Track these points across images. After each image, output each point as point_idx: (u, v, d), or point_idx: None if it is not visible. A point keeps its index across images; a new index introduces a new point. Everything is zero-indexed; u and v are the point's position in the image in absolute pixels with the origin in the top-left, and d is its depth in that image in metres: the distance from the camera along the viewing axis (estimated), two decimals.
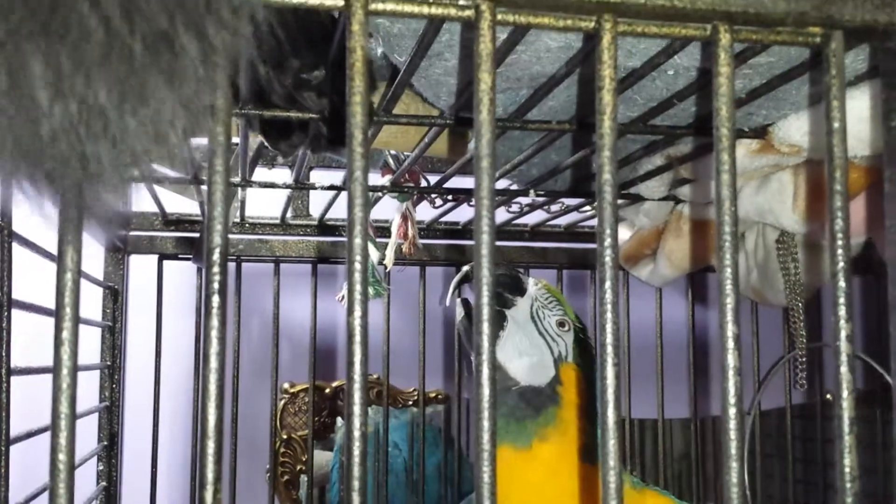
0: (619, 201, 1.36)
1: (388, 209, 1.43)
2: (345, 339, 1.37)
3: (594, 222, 1.55)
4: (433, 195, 1.38)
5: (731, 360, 0.48)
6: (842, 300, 0.49)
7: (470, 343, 1.04)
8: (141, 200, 1.53)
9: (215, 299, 0.42)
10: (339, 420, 1.83)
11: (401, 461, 1.76)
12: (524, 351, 1.00)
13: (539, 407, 0.98)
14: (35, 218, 0.43)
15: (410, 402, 1.84)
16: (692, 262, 1.45)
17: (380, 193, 1.32)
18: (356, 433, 0.44)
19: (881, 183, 0.54)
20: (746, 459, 1.60)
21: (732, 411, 0.48)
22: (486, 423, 0.46)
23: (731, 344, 0.48)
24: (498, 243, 1.68)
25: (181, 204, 1.50)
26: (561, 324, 1.02)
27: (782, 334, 1.71)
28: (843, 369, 0.48)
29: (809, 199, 1.10)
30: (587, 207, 1.48)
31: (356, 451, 0.44)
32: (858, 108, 0.73)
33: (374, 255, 1.35)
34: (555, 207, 1.47)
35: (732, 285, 0.46)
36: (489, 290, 0.46)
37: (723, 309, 0.49)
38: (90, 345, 1.49)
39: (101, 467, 1.49)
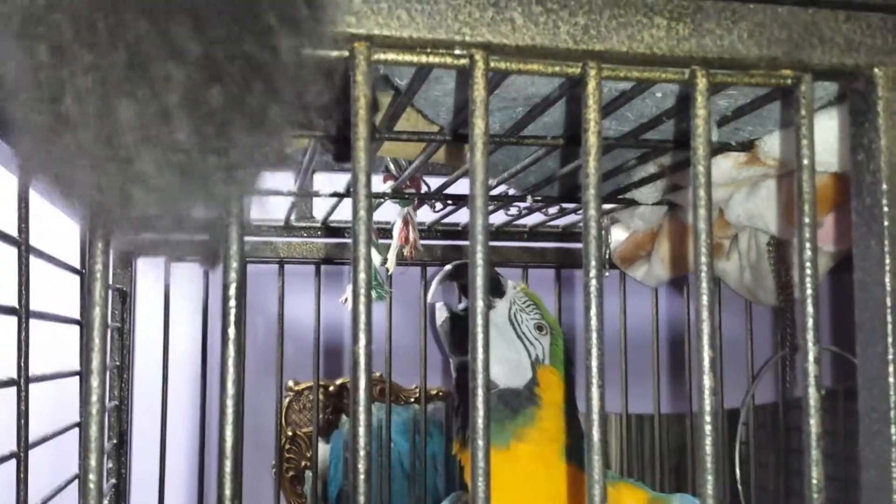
0: (615, 205, 1.40)
1: (390, 211, 1.47)
2: (349, 338, 1.40)
3: (566, 220, 1.59)
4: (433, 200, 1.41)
5: (706, 364, 0.52)
6: (810, 325, 0.53)
7: (450, 346, 1.06)
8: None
9: (231, 331, 0.46)
10: (343, 417, 1.88)
11: (400, 456, 1.80)
12: (502, 354, 1.02)
13: (517, 408, 1.00)
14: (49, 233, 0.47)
15: (412, 399, 1.88)
16: (685, 264, 1.49)
17: (382, 200, 1.35)
18: (361, 441, 0.48)
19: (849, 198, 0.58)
20: (743, 451, 1.65)
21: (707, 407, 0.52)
22: (479, 425, 0.50)
23: (706, 364, 0.52)
24: (497, 243, 1.73)
25: None
26: (539, 327, 1.04)
27: (773, 332, 1.74)
28: (811, 391, 0.52)
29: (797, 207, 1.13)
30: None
31: (361, 468, 0.48)
32: (831, 127, 0.77)
33: (376, 258, 1.38)
34: (552, 210, 1.51)
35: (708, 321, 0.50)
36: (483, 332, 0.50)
37: (699, 329, 0.53)
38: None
39: (110, 465, 1.53)
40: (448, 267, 1.07)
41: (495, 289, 1.05)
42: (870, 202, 0.56)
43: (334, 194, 1.29)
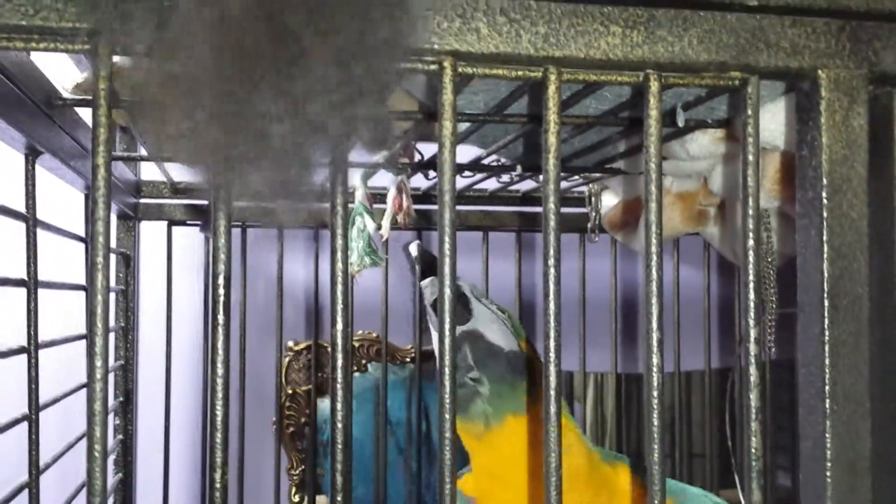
0: (602, 174, 1.45)
1: (384, 178, 1.51)
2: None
3: (582, 188, 1.64)
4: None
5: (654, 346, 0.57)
6: (751, 308, 0.58)
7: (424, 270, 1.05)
8: (151, 170, 1.63)
9: (220, 318, 0.51)
10: None
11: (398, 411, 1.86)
12: (494, 319, 1.02)
13: (524, 370, 0.99)
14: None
15: (408, 359, 1.94)
16: (674, 230, 1.53)
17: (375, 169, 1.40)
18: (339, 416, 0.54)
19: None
20: (735, 411, 1.70)
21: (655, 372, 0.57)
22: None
23: (654, 347, 0.57)
24: (491, 208, 1.77)
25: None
26: (501, 310, 1.06)
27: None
28: (752, 369, 0.57)
29: (777, 179, 1.18)
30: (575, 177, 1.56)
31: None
32: (780, 110, 0.82)
33: (370, 225, 1.43)
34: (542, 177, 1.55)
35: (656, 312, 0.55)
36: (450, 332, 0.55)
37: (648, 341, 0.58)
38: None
39: (117, 422, 1.59)
40: (414, 248, 1.07)
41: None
42: (811, 195, 0.60)
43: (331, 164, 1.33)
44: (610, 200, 1.62)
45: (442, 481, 0.54)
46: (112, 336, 1.62)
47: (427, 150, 1.43)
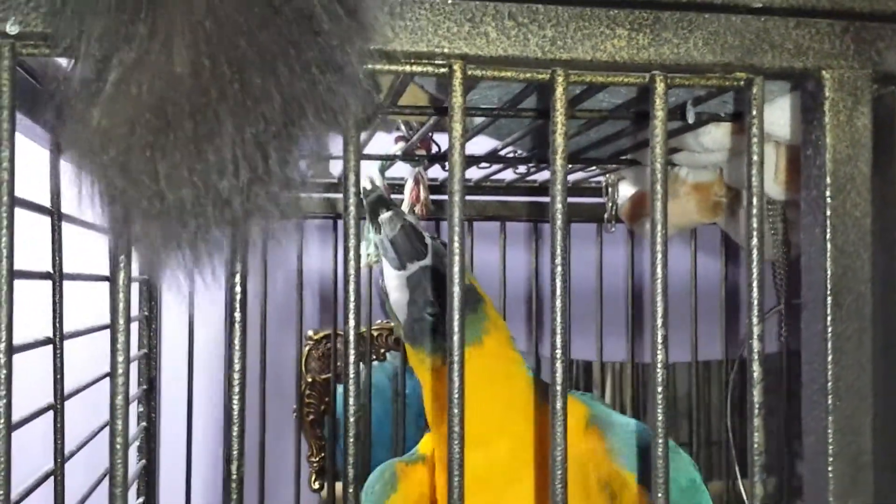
0: (618, 166, 1.46)
1: (402, 169, 1.52)
2: (365, 290, 1.46)
3: (575, 177, 1.65)
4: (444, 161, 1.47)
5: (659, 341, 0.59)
6: (754, 306, 0.59)
7: (409, 252, 0.99)
8: None
9: (237, 315, 0.53)
10: (361, 364, 1.96)
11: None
12: (445, 254, 0.99)
13: (473, 303, 0.98)
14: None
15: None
16: (689, 221, 1.54)
17: (393, 161, 1.42)
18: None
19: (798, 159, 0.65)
20: (735, 397, 1.71)
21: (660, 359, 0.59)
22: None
23: (660, 341, 0.58)
24: (507, 198, 1.78)
25: None
26: (433, 238, 1.02)
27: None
28: (755, 366, 0.58)
29: (788, 172, 1.19)
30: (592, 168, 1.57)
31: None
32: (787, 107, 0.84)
33: None
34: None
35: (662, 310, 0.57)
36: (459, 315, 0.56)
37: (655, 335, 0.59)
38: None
39: (140, 409, 1.62)
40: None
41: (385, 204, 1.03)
42: (815, 194, 0.62)
43: None
44: (627, 191, 1.63)
45: (451, 475, 0.55)
46: (135, 325, 1.65)
47: (444, 141, 1.44)
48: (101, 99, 0.48)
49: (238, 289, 0.54)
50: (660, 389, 0.58)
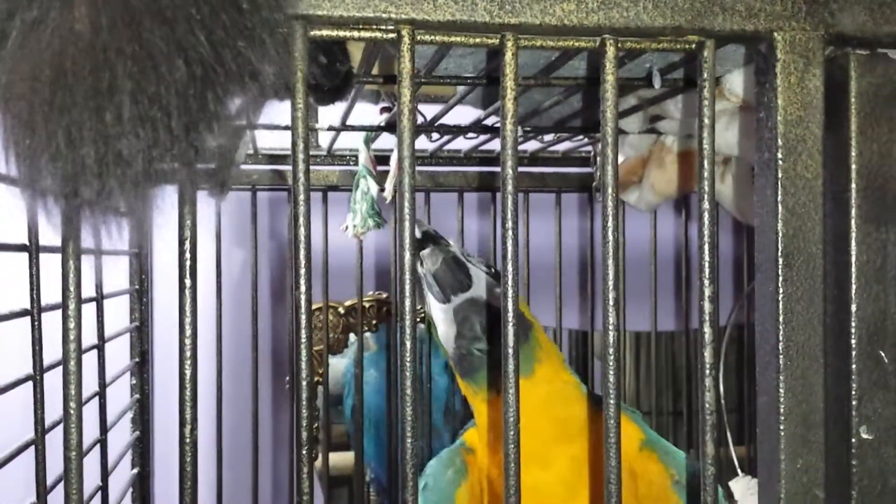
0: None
1: (388, 141, 1.53)
2: (355, 261, 1.48)
3: (563, 146, 1.66)
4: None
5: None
6: (706, 268, 0.60)
7: (449, 289, 1.02)
8: None
9: (187, 281, 0.54)
10: (352, 336, 1.97)
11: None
12: (491, 283, 1.03)
13: (525, 330, 1.02)
14: None
15: (418, 320, 1.97)
16: (676, 189, 1.54)
17: (377, 132, 1.42)
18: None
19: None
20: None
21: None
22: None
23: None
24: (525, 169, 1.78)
25: None
26: (489, 267, 1.05)
27: None
28: (706, 328, 0.59)
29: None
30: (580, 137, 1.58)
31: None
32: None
33: (373, 188, 1.45)
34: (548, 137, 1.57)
35: (615, 280, 0.57)
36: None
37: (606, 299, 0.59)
38: (120, 274, 1.63)
39: (133, 381, 1.64)
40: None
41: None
42: (767, 156, 0.62)
43: (330, 128, 1.35)
44: None
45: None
46: (126, 298, 1.66)
47: (429, 111, 1.44)
48: (2, 56, 0.49)
49: (188, 255, 0.54)
50: (611, 352, 0.59)
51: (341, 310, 1.95)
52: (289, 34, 0.53)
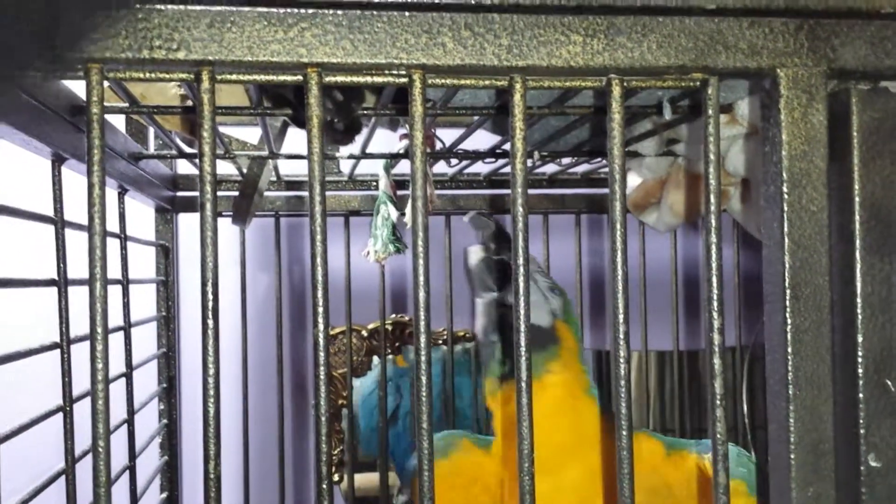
0: None
1: (408, 165, 1.54)
2: (377, 284, 1.50)
3: (582, 168, 1.67)
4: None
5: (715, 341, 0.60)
6: (714, 299, 0.61)
7: (483, 284, 1.14)
8: (187, 165, 1.69)
9: (210, 322, 0.56)
10: (375, 358, 1.99)
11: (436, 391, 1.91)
12: (532, 298, 1.11)
13: (544, 342, 1.09)
14: None
15: (441, 341, 1.99)
16: (691, 212, 1.55)
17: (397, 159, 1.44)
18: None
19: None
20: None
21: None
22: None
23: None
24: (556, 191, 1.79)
25: (221, 166, 1.64)
26: (552, 289, 1.14)
27: None
28: (716, 359, 0.60)
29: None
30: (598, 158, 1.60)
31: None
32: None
33: (394, 214, 1.47)
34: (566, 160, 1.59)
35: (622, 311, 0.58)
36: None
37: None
38: (147, 300, 1.65)
39: (161, 407, 1.66)
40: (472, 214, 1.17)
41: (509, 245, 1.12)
42: (773, 189, 0.63)
43: (350, 156, 1.38)
44: (633, 181, 1.64)
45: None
46: (154, 325, 1.69)
47: (448, 136, 1.46)
48: None
49: (210, 296, 0.56)
50: (622, 383, 0.60)
51: (364, 333, 1.97)
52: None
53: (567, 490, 1.04)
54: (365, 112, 0.94)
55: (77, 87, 0.98)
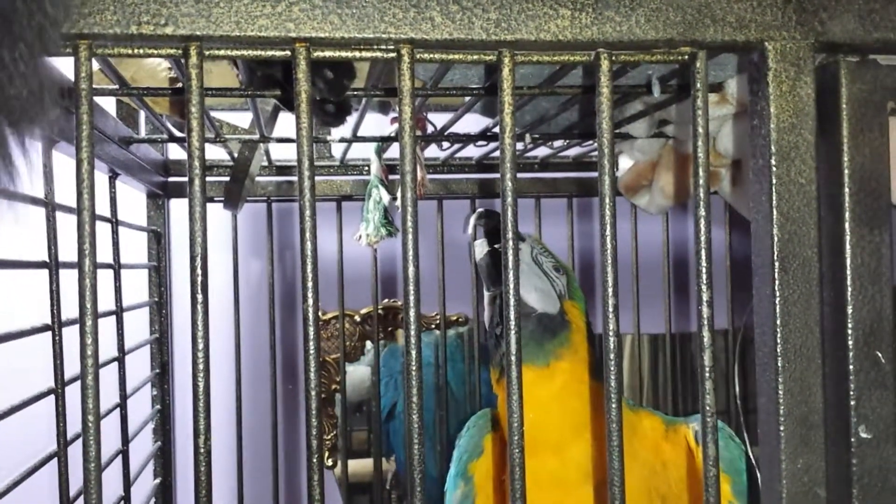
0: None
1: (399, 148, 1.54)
2: (369, 269, 1.50)
3: (574, 151, 1.67)
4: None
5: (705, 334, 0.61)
6: (703, 273, 0.61)
7: (489, 278, 1.16)
8: (178, 150, 1.68)
9: (199, 297, 0.56)
10: (368, 343, 2.00)
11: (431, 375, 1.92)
12: (536, 285, 1.14)
13: (554, 330, 1.12)
14: None
15: (434, 326, 1.99)
16: (684, 192, 1.55)
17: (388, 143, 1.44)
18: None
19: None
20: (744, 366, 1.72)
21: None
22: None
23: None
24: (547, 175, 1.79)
25: (212, 151, 1.64)
26: (556, 268, 1.16)
27: None
28: (704, 331, 0.60)
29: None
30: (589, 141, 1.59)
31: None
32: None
33: (385, 197, 1.47)
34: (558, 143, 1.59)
35: (612, 287, 0.59)
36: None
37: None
38: (139, 287, 1.65)
39: (154, 392, 1.66)
40: (480, 210, 1.19)
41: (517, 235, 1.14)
42: (761, 162, 0.63)
43: (342, 140, 1.38)
44: (625, 163, 1.64)
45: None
46: (146, 311, 1.68)
47: (439, 120, 1.46)
48: None
49: (199, 272, 0.56)
50: (612, 357, 0.60)
51: (357, 318, 1.97)
52: None
53: (571, 466, 1.08)
54: (355, 94, 0.93)
55: (67, 69, 0.97)
